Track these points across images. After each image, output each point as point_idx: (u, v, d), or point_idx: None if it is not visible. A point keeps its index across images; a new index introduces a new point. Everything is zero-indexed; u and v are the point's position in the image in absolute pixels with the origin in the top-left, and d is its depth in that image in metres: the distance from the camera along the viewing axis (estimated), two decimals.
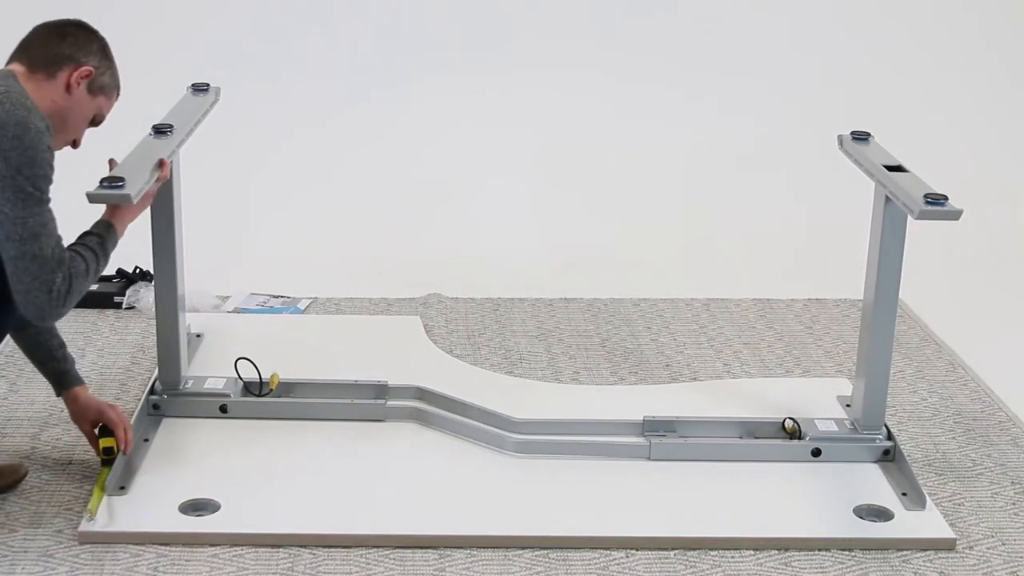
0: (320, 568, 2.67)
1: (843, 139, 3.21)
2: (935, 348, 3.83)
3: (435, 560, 2.71)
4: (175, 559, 2.67)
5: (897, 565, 2.75)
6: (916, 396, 3.54)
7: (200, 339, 3.60)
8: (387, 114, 5.09)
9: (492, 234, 4.62)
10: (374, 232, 4.58)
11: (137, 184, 2.69)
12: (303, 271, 4.25)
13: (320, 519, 2.81)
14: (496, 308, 4.04)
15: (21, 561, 2.65)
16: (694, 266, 4.44)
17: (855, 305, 3.94)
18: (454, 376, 3.45)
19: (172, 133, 3.00)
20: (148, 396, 3.22)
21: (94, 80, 2.73)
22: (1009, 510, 2.98)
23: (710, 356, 3.75)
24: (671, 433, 3.15)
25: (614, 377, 3.60)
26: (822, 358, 3.76)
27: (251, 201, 4.72)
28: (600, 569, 2.71)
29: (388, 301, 4.05)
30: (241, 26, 5.14)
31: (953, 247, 4.48)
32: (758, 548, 2.79)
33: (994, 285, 4.38)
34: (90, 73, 2.72)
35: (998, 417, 3.43)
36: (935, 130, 5.10)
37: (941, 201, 2.75)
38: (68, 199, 2.74)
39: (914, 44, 5.35)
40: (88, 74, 2.72)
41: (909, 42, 5.35)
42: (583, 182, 4.94)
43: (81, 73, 2.71)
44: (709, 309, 4.08)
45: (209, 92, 3.34)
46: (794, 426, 3.16)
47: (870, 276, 3.06)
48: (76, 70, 2.71)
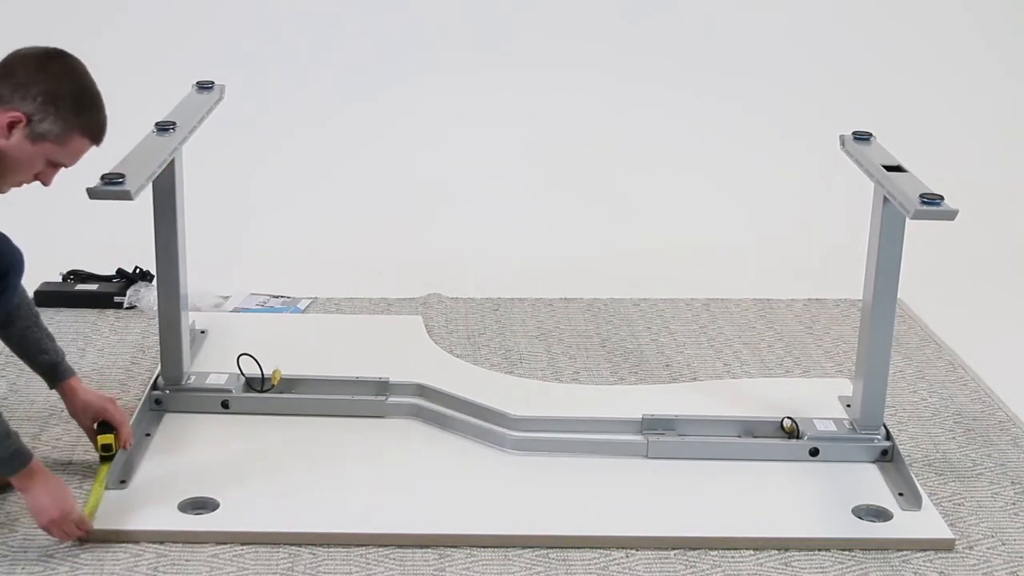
0: (320, 568, 2.68)
1: (845, 139, 3.21)
2: (935, 348, 3.83)
3: (435, 560, 2.71)
4: (175, 559, 2.67)
5: (897, 565, 2.75)
6: (916, 396, 3.54)
7: (204, 335, 3.61)
8: (387, 114, 5.09)
9: (492, 234, 4.62)
10: (374, 232, 4.58)
11: (138, 181, 2.69)
12: (303, 271, 4.25)
13: (320, 518, 2.81)
14: (496, 308, 4.04)
15: (21, 561, 2.65)
16: (694, 266, 4.44)
17: (855, 305, 3.94)
18: (454, 375, 3.45)
19: (175, 130, 3.00)
20: (151, 391, 3.22)
21: (31, 127, 2.53)
22: (1009, 510, 2.99)
23: (710, 356, 3.75)
24: (669, 431, 3.16)
25: (614, 377, 3.60)
26: (822, 358, 3.76)
27: (251, 201, 4.72)
28: (600, 569, 2.71)
29: (388, 301, 4.05)
30: (241, 26, 5.14)
31: (953, 247, 4.47)
32: (758, 548, 2.79)
33: (994, 285, 4.38)
34: (19, 119, 2.52)
35: (998, 417, 3.43)
36: (937, 130, 5.10)
37: (937, 201, 2.76)
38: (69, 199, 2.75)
39: (916, 44, 5.34)
40: (17, 120, 2.52)
41: (911, 42, 5.34)
42: (583, 182, 4.94)
43: (11, 119, 2.52)
44: (709, 309, 4.08)
45: (214, 90, 3.35)
46: (793, 425, 3.16)
47: (869, 276, 3.07)
48: (5, 113, 2.52)
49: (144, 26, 5.06)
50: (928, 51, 5.34)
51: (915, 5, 5.38)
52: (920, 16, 5.37)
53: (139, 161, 2.80)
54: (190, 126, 3.09)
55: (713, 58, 5.23)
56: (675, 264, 4.45)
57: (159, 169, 2.84)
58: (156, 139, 2.95)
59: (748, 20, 5.31)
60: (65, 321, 3.80)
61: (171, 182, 3.05)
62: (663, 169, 5.00)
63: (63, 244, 4.15)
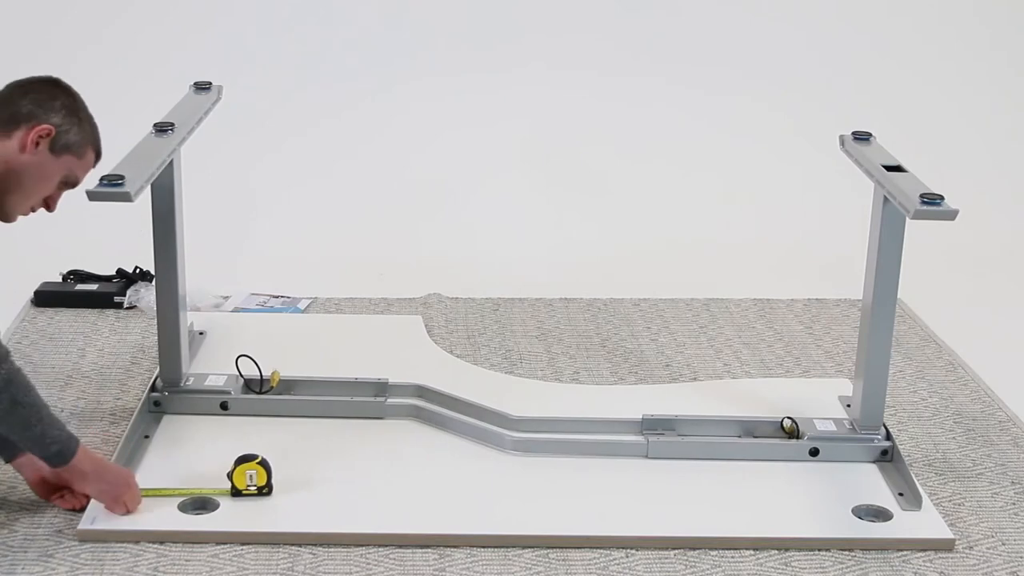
0: (320, 568, 2.68)
1: (845, 139, 3.21)
2: (935, 348, 3.83)
3: (435, 560, 2.71)
4: (175, 559, 2.67)
5: (897, 565, 2.75)
6: (916, 396, 3.54)
7: (203, 337, 3.61)
8: (387, 114, 5.09)
9: (492, 234, 4.62)
10: (374, 232, 4.58)
11: (138, 182, 2.69)
12: (303, 271, 4.25)
13: (320, 518, 2.81)
14: (496, 308, 4.04)
15: (21, 561, 2.65)
16: (694, 266, 4.44)
17: (855, 305, 3.94)
18: (454, 375, 3.45)
19: (173, 131, 3.00)
20: (149, 393, 3.22)
21: (57, 138, 2.60)
22: (1009, 510, 2.98)
23: (710, 356, 3.75)
24: (669, 431, 3.15)
25: (614, 377, 3.60)
26: (822, 358, 3.76)
27: (251, 201, 4.72)
28: (600, 569, 2.71)
29: (388, 301, 4.05)
30: (241, 26, 5.14)
31: (953, 247, 4.47)
32: (758, 548, 2.79)
33: (994, 285, 4.38)
34: (50, 131, 2.59)
35: (998, 417, 3.43)
36: (937, 130, 5.10)
37: (937, 201, 2.75)
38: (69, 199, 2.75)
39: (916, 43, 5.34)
40: (47, 132, 2.59)
41: (911, 41, 5.34)
42: (583, 181, 4.93)
43: (40, 132, 2.58)
44: (709, 309, 4.08)
45: (211, 91, 3.34)
46: (793, 425, 3.16)
47: (869, 276, 3.07)
48: (34, 128, 2.58)
49: (143, 28, 5.06)
50: (928, 51, 5.35)
51: (917, 4, 5.38)
52: (921, 15, 5.37)
53: (138, 162, 2.79)
54: (188, 127, 3.08)
55: (713, 57, 5.23)
56: (675, 264, 4.45)
57: (158, 170, 2.85)
58: (155, 140, 2.95)
59: (748, 18, 5.31)
60: (65, 321, 3.80)
61: (170, 183, 3.05)
62: (663, 169, 5.00)
63: (63, 244, 4.15)
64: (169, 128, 3.00)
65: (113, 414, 3.26)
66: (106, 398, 3.33)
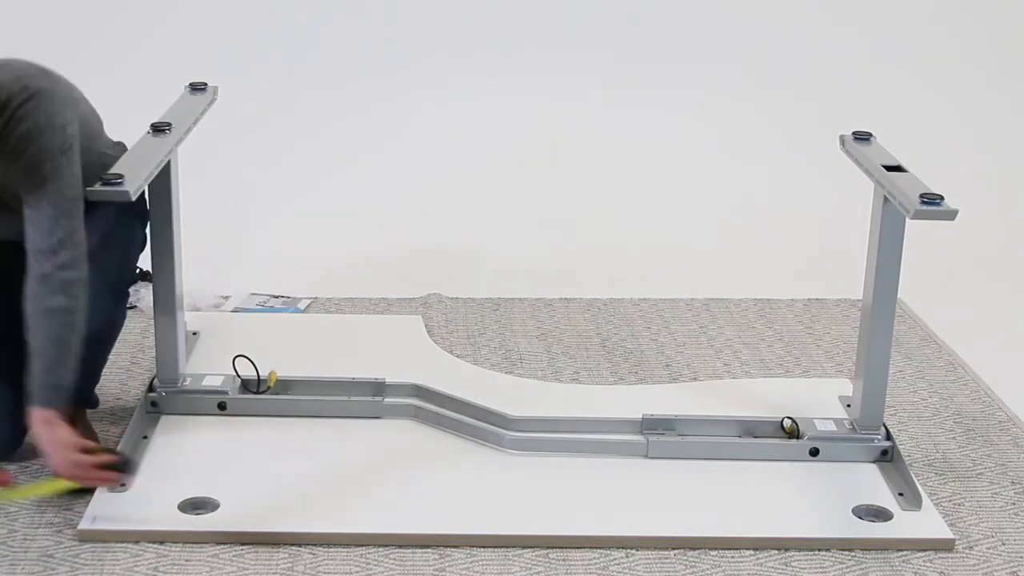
0: (320, 568, 2.68)
1: (844, 139, 3.21)
2: (935, 348, 3.82)
3: (435, 560, 2.71)
4: (175, 559, 2.67)
5: (897, 565, 2.75)
6: (916, 396, 3.54)
7: (196, 337, 3.60)
8: (387, 114, 5.09)
9: (492, 234, 4.62)
10: (374, 232, 4.58)
11: (136, 182, 2.69)
12: (303, 271, 4.25)
13: (320, 518, 2.81)
14: (496, 308, 4.04)
15: (21, 561, 2.65)
16: (694, 266, 4.44)
17: (855, 305, 3.94)
18: (454, 375, 3.45)
19: (170, 132, 3.00)
20: (147, 393, 3.22)
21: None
22: (1009, 510, 2.98)
23: (710, 356, 3.75)
24: (669, 431, 3.15)
25: (614, 377, 3.60)
26: (822, 358, 3.76)
27: (251, 201, 4.72)
28: (600, 569, 2.71)
29: (388, 301, 4.05)
30: (240, 26, 5.15)
31: (953, 247, 4.47)
32: (758, 548, 2.79)
33: (994, 285, 4.37)
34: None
35: (998, 417, 3.43)
36: (937, 130, 5.10)
37: (937, 201, 2.76)
38: None
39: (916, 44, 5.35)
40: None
41: (911, 41, 5.35)
42: (583, 182, 4.94)
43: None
44: (709, 309, 4.08)
45: (207, 91, 3.34)
46: (793, 425, 3.16)
47: (869, 276, 3.07)
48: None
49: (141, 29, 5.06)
50: (928, 51, 5.35)
51: (915, 5, 5.38)
52: (920, 16, 5.38)
53: (137, 162, 2.80)
54: (185, 127, 3.09)
55: (712, 59, 5.24)
56: (675, 264, 4.45)
57: (157, 169, 2.85)
58: (152, 140, 2.95)
59: (748, 22, 5.31)
60: None
61: (167, 183, 3.05)
62: (663, 169, 5.00)
63: None
64: (166, 128, 3.00)
65: (113, 414, 3.26)
66: (105, 398, 3.32)
